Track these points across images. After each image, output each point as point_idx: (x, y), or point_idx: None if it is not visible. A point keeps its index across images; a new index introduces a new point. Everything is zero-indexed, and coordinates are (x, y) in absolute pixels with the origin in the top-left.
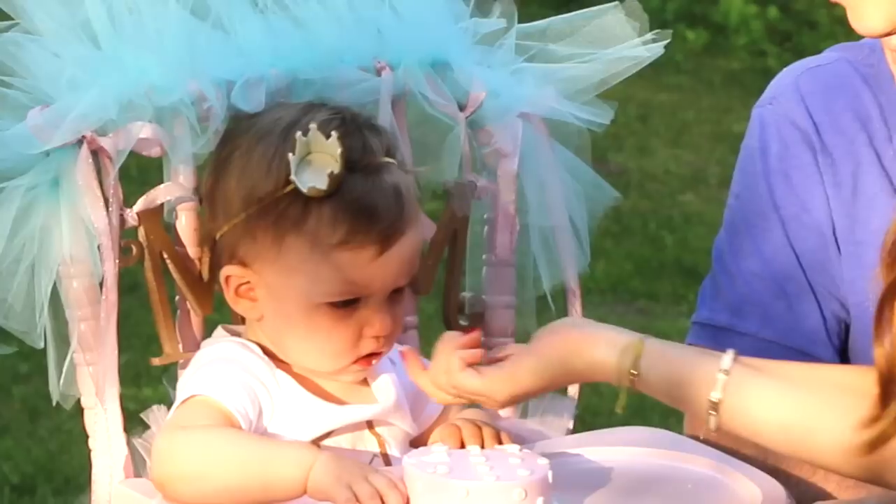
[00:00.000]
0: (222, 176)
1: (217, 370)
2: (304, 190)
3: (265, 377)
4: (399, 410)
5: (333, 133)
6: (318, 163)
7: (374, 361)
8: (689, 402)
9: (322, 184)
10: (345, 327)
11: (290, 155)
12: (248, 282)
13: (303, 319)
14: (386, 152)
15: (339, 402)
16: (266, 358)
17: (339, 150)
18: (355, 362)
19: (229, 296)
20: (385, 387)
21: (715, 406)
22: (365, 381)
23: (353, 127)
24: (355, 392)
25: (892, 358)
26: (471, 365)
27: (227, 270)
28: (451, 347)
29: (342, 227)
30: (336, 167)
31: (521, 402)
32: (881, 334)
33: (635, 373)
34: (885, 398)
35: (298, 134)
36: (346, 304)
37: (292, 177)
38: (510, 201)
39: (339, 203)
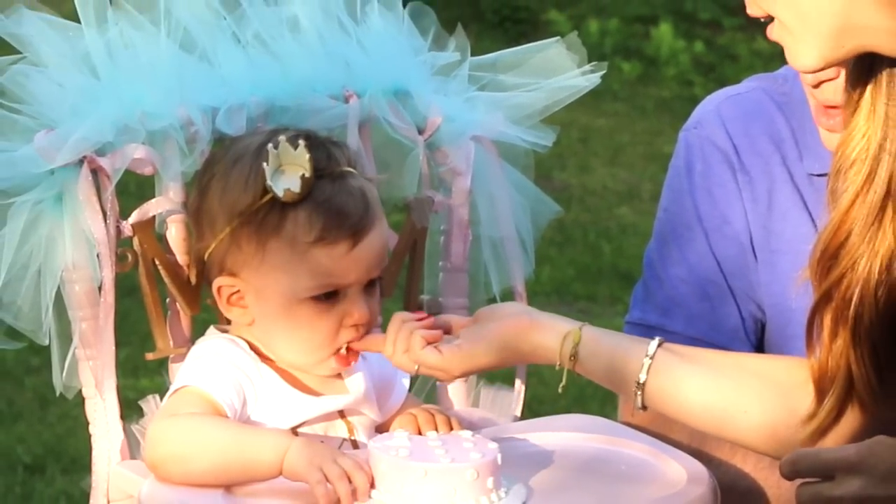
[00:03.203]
0: (205, 199)
1: (206, 364)
2: (280, 194)
3: (250, 370)
4: (367, 400)
5: (301, 143)
6: (290, 170)
7: (352, 362)
8: (620, 383)
9: (296, 186)
10: (326, 319)
11: (265, 165)
12: (238, 290)
13: (288, 316)
14: (348, 163)
15: (316, 393)
16: (252, 353)
17: (307, 157)
18: (334, 355)
19: (222, 305)
20: (356, 380)
21: (641, 386)
22: (339, 375)
23: (317, 141)
24: (330, 384)
25: (823, 364)
26: (430, 343)
27: (218, 282)
28: (409, 328)
29: (316, 226)
30: (307, 171)
31: (472, 375)
32: (812, 343)
33: (574, 357)
34: (819, 398)
35: (270, 146)
36: (327, 297)
37: (268, 183)
38: (464, 214)
39: (311, 206)
